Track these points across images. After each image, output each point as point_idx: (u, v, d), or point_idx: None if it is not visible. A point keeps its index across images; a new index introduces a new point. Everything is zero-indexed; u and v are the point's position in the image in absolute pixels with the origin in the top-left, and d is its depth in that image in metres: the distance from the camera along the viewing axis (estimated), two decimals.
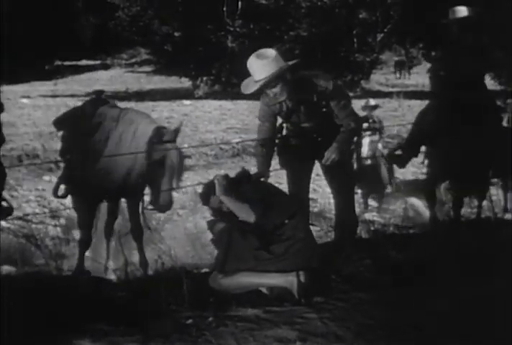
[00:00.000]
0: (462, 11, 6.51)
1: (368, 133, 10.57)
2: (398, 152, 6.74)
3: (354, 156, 10.07)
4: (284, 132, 5.12)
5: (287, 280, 4.01)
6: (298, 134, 5.01)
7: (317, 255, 4.22)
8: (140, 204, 5.76)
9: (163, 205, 5.15)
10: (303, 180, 5.16)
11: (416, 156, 6.68)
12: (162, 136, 5.10)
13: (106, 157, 5.28)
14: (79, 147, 5.48)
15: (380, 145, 10.69)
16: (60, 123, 5.91)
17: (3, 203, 4.97)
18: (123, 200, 5.97)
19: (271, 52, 4.67)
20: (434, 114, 6.36)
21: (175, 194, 8.49)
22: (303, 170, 5.16)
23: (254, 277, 4.07)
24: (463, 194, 6.89)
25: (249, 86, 4.75)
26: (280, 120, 5.14)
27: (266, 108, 4.97)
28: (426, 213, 8.07)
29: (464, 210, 7.52)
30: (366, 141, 10.41)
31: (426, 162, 6.87)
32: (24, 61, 24.91)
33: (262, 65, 4.59)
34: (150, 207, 5.30)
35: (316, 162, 5.20)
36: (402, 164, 6.85)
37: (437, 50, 7.14)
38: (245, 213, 4.14)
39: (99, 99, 5.90)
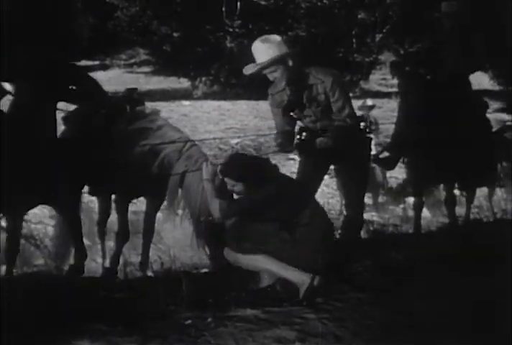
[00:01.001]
0: (454, 5, 6.52)
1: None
2: (384, 155, 6.70)
3: None
4: (303, 136, 5.09)
5: (300, 278, 4.03)
6: (310, 137, 4.99)
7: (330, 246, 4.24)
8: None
9: None
10: (314, 182, 5.16)
11: (404, 155, 6.63)
12: None
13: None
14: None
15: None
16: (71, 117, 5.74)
17: None
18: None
19: (276, 37, 4.84)
20: (405, 116, 6.32)
21: None
22: (315, 173, 5.14)
23: (273, 264, 4.09)
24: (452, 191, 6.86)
25: (250, 68, 4.83)
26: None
27: (271, 97, 5.06)
28: (425, 212, 8.07)
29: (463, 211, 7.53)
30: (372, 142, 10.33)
31: (406, 160, 6.83)
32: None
33: (265, 48, 4.72)
34: None
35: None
36: (390, 166, 6.81)
37: (426, 45, 7.12)
38: (213, 207, 4.30)
39: (133, 98, 5.83)
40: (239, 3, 21.54)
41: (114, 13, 22.48)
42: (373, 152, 9.57)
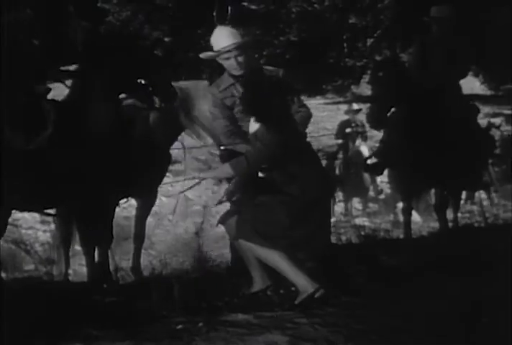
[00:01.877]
0: (444, 10, 6.50)
1: (360, 141, 10.57)
2: (372, 161, 6.69)
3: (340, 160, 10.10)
4: None
5: (305, 285, 4.00)
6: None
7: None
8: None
9: None
10: None
11: (392, 161, 6.60)
12: None
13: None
14: None
15: (363, 148, 10.61)
16: None
17: None
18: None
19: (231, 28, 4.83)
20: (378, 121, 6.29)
21: (163, 199, 8.52)
22: None
23: (284, 264, 4.03)
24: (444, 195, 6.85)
25: (209, 54, 4.84)
26: None
27: (216, 99, 4.96)
28: (416, 217, 8.08)
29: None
30: (365, 150, 10.35)
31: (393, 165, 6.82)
32: None
33: (227, 34, 4.69)
34: None
35: None
36: (378, 171, 6.80)
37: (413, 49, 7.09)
38: (225, 173, 4.23)
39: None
40: (230, 8, 21.59)
41: (106, 17, 22.46)
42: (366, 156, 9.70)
